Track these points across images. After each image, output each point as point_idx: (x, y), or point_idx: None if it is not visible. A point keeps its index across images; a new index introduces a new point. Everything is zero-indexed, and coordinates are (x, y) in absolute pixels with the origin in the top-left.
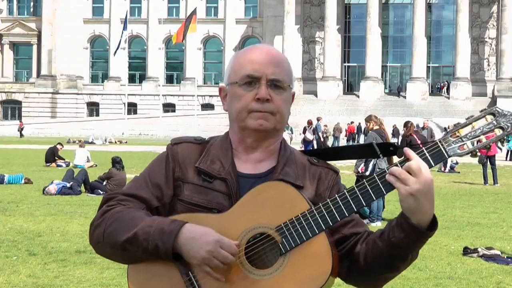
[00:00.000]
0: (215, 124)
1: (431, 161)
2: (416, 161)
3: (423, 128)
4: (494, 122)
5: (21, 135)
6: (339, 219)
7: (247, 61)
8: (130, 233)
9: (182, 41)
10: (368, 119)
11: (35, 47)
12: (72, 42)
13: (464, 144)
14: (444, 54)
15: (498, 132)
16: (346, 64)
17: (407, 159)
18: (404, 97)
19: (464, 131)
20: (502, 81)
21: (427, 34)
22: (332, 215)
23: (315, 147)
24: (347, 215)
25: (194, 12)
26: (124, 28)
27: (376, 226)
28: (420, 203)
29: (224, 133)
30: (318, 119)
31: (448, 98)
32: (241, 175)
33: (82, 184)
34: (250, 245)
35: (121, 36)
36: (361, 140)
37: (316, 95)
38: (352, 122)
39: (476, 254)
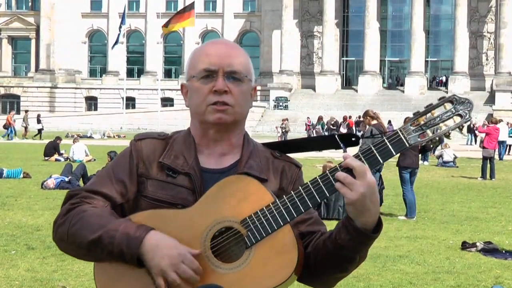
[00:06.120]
0: None
1: (392, 150)
2: (360, 164)
3: None
4: (453, 109)
5: (40, 132)
6: (303, 211)
7: (204, 55)
8: (95, 235)
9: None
10: (365, 115)
11: (33, 42)
12: (70, 37)
13: (424, 132)
14: (443, 48)
15: (457, 119)
16: (345, 58)
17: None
18: (403, 91)
19: (424, 119)
20: (501, 76)
21: (426, 28)
22: (296, 207)
23: None
24: (311, 206)
25: (191, 7)
26: (123, 22)
27: None
28: (365, 206)
29: (186, 129)
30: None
31: (447, 92)
32: (204, 170)
33: (81, 178)
34: (216, 239)
35: (120, 31)
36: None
37: (314, 90)
38: (350, 117)
39: (475, 248)
